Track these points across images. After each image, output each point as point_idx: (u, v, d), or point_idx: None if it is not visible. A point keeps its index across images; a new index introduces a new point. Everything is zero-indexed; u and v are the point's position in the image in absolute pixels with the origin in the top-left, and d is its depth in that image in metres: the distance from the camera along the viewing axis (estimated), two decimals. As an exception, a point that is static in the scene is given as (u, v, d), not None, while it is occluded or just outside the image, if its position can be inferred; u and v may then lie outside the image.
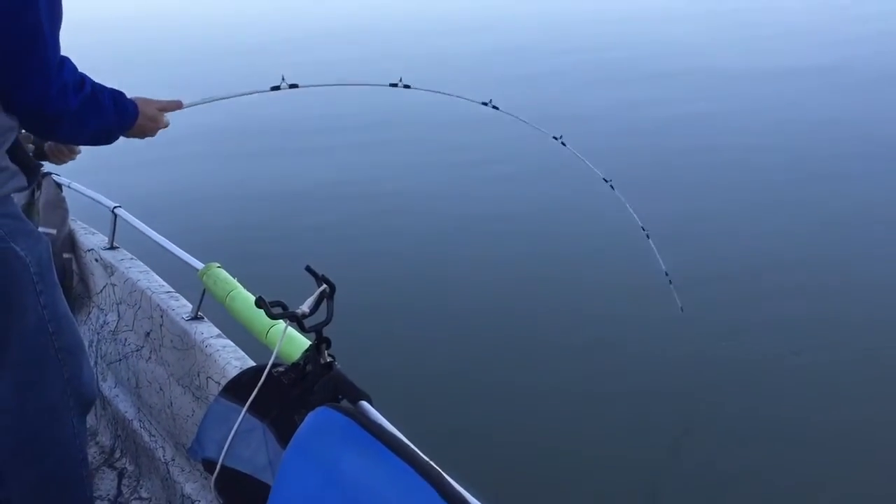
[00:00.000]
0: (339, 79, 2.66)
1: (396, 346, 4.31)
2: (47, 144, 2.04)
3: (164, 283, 2.58)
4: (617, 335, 4.49)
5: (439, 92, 2.70)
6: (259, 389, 1.69)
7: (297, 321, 1.60)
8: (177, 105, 2.05)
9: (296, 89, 2.33)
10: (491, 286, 5.02)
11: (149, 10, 18.57)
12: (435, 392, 4.03)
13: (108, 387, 2.80)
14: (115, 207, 2.77)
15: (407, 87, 2.56)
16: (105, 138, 1.84)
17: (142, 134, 1.95)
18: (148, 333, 2.56)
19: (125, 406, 2.69)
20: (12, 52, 1.54)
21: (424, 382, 4.09)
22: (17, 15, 1.51)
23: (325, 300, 1.62)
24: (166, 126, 2.01)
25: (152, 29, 15.94)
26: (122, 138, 1.92)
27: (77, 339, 1.89)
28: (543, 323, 4.63)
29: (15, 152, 1.63)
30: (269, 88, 2.32)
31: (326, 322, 1.62)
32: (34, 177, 1.73)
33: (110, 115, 1.78)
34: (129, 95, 1.88)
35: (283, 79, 2.30)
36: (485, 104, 2.74)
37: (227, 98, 2.32)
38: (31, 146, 1.97)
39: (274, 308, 1.59)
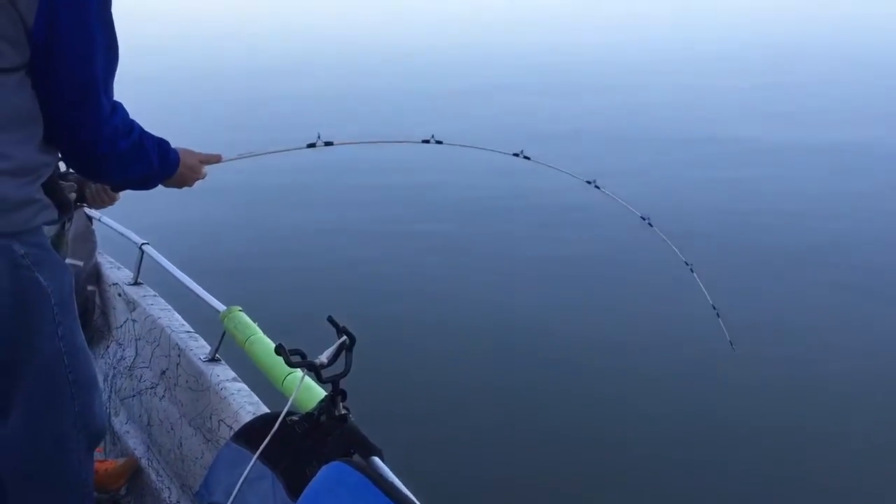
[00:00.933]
0: (373, 136, 2.68)
1: (417, 399, 4.27)
2: (88, 189, 2.08)
3: (185, 323, 2.58)
4: (663, 373, 4.51)
5: (471, 146, 2.72)
6: (271, 437, 1.67)
7: (315, 371, 1.59)
8: (216, 158, 2.11)
9: (331, 146, 2.37)
10: (524, 332, 5.00)
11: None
12: (451, 450, 3.98)
13: (119, 422, 2.79)
14: (142, 244, 2.80)
15: (439, 142, 2.59)
16: (145, 184, 1.89)
17: (181, 184, 2.01)
18: (164, 372, 2.56)
19: (135, 443, 2.68)
20: (69, 99, 1.60)
21: (443, 439, 4.04)
22: (74, 67, 1.57)
23: (344, 352, 1.62)
24: (203, 177, 2.07)
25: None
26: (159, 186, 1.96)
27: (91, 372, 1.89)
28: (577, 370, 4.61)
29: (50, 187, 1.66)
30: (305, 146, 2.36)
31: (344, 374, 1.61)
32: (66, 212, 1.75)
33: (154, 162, 1.83)
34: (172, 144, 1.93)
35: (318, 136, 2.34)
36: (516, 155, 2.77)
37: (265, 154, 2.37)
38: (72, 194, 2.01)
39: (293, 356, 1.59)
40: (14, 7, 1.47)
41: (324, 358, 1.60)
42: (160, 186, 1.96)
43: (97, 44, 1.59)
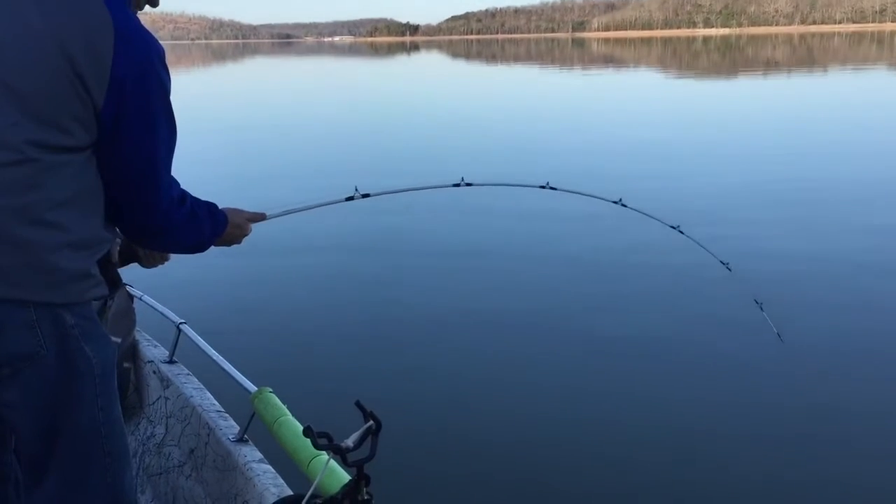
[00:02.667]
0: (407, 184, 2.75)
1: (443, 487, 4.19)
2: (141, 250, 2.16)
3: (216, 402, 2.61)
4: (729, 422, 4.57)
5: (500, 184, 2.78)
6: (294, 520, 1.68)
7: (341, 454, 1.60)
8: (261, 216, 2.21)
9: (368, 198, 2.44)
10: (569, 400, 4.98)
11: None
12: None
13: (144, 500, 2.79)
14: (180, 323, 2.86)
15: (469, 185, 2.66)
16: (199, 247, 1.99)
17: (229, 242, 2.09)
18: (192, 450, 2.57)
19: None
20: (133, 177, 1.71)
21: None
22: (139, 147, 1.69)
23: (370, 436, 1.63)
24: (248, 234, 2.15)
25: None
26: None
27: (125, 445, 1.92)
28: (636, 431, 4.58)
29: (104, 264, 1.74)
30: (343, 199, 2.43)
31: (369, 459, 1.62)
32: (115, 289, 1.83)
33: (206, 227, 1.94)
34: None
35: (356, 189, 2.42)
36: (542, 187, 2.83)
37: (306, 209, 2.44)
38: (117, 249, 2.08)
39: (320, 439, 1.60)
40: (85, 89, 1.57)
41: (350, 442, 1.61)
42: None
43: (159, 126, 1.70)
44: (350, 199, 2.42)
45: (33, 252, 1.59)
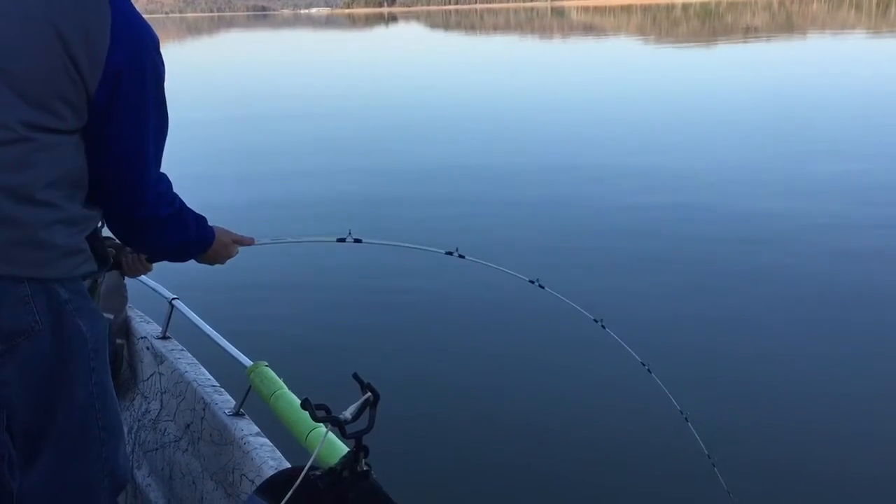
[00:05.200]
0: (400, 239, 2.80)
1: (437, 459, 4.23)
2: (125, 257, 2.18)
3: (211, 377, 2.63)
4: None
5: (489, 265, 2.82)
6: (293, 492, 1.70)
7: (339, 426, 1.63)
8: (250, 241, 2.25)
9: (359, 244, 2.49)
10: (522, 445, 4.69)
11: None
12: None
13: (141, 475, 2.82)
14: (172, 299, 2.87)
15: (461, 256, 2.71)
16: (181, 254, 2.02)
17: (213, 260, 2.14)
18: (188, 425, 2.59)
19: (156, 496, 2.71)
20: (120, 165, 1.72)
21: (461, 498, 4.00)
22: (129, 136, 1.69)
23: (368, 408, 1.66)
24: (233, 256, 2.20)
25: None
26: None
27: (118, 419, 1.95)
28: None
29: (92, 241, 1.76)
30: (335, 239, 2.49)
31: (367, 430, 1.65)
32: (104, 266, 1.84)
33: (192, 234, 1.96)
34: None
35: (349, 232, 2.48)
36: (532, 282, 2.87)
37: (296, 242, 2.54)
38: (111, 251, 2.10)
39: (318, 411, 1.63)
40: (79, 74, 1.57)
41: (348, 414, 1.64)
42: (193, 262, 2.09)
43: (150, 116, 1.71)
44: (342, 240, 2.48)
45: (26, 229, 1.60)
